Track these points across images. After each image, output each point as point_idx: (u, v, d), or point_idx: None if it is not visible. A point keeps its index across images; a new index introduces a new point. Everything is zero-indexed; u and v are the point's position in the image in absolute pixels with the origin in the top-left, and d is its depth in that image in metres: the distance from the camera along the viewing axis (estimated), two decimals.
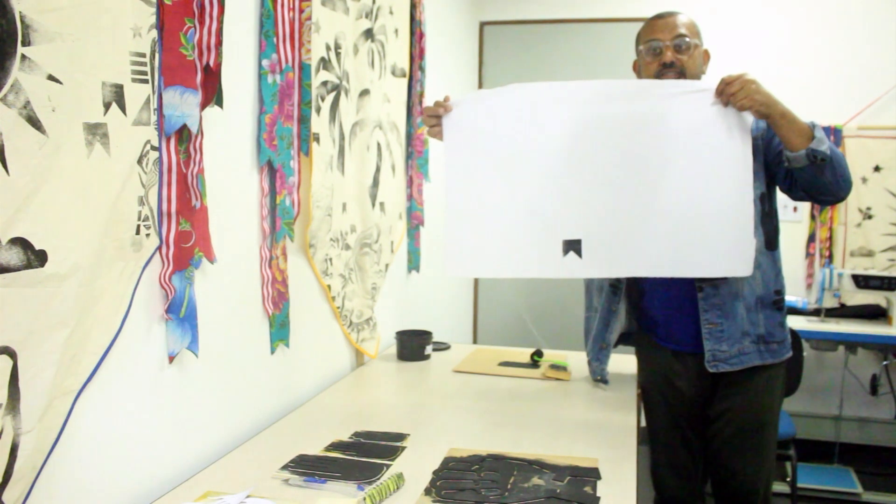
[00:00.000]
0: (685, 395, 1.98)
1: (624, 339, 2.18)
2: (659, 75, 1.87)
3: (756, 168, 1.80)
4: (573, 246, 1.74)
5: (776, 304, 1.91)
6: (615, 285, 2.03)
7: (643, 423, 2.14)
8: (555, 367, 2.24)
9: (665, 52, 1.88)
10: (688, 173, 1.71)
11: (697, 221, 1.71)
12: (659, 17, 1.95)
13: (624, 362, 2.36)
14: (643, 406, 2.10)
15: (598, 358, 2.11)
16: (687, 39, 1.89)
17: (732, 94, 1.70)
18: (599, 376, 2.11)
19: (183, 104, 1.30)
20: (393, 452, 1.55)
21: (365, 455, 1.52)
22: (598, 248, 1.73)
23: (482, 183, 1.75)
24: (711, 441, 1.97)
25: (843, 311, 3.46)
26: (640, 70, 1.96)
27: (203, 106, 1.37)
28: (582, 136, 1.73)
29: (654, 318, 2.02)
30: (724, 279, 1.84)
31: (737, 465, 1.94)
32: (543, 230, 1.74)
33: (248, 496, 1.30)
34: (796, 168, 1.73)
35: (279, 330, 1.79)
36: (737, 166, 1.70)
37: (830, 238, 3.84)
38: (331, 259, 2.06)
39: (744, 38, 3.88)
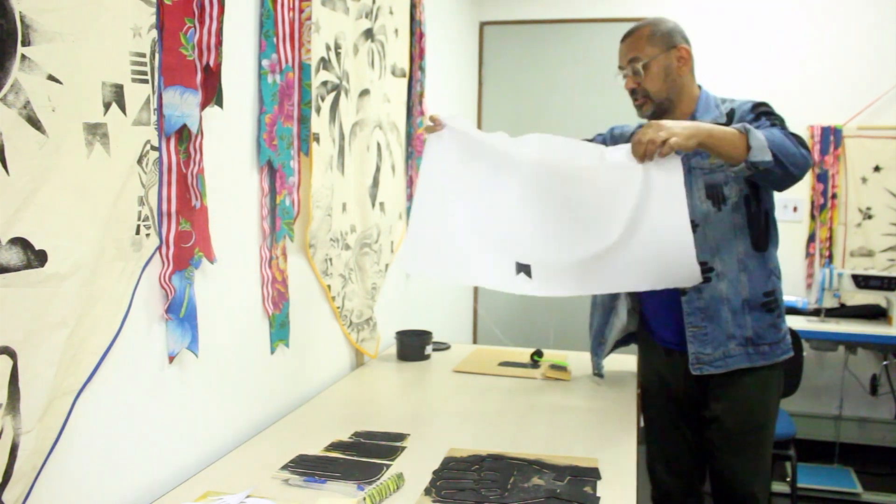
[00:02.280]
0: (676, 392, 2.00)
1: (630, 339, 2.19)
2: (634, 102, 1.94)
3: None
4: (524, 269, 1.83)
5: (766, 305, 1.88)
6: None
7: (643, 423, 2.15)
8: (555, 366, 2.24)
9: (626, 80, 1.93)
10: (627, 210, 1.73)
11: (640, 250, 1.73)
12: (622, 38, 1.96)
13: (624, 362, 2.36)
14: (642, 402, 2.11)
15: (596, 352, 2.16)
16: (637, 64, 1.89)
17: (648, 154, 1.66)
18: (596, 370, 2.17)
19: (183, 104, 1.30)
20: (393, 452, 1.55)
21: (365, 455, 1.52)
22: (548, 272, 1.82)
23: (450, 196, 1.83)
24: (707, 443, 1.97)
25: (843, 311, 3.46)
26: None
27: (203, 106, 1.37)
28: (536, 178, 1.82)
29: (648, 317, 2.05)
30: (708, 281, 1.85)
31: (732, 467, 1.93)
32: (499, 247, 1.83)
33: (248, 496, 1.30)
34: (745, 176, 1.75)
35: (279, 330, 1.79)
36: (670, 197, 1.70)
37: (830, 238, 3.84)
38: (331, 259, 2.06)
39: (744, 39, 3.88)
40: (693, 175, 1.87)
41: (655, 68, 1.89)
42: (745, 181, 1.83)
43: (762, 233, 1.88)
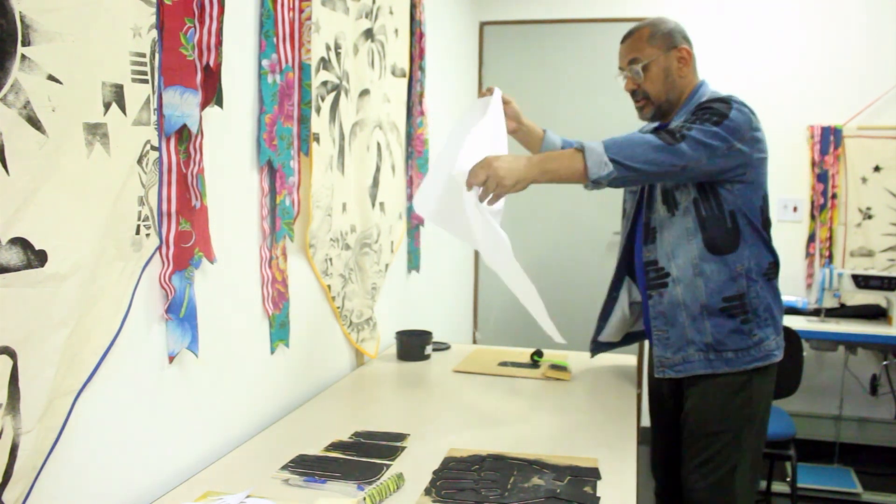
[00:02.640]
0: (666, 392, 2.02)
1: (632, 339, 2.21)
2: (634, 104, 1.95)
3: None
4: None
5: (727, 311, 1.81)
6: (618, 276, 2.09)
7: (643, 423, 2.15)
8: (555, 367, 2.24)
9: (626, 81, 1.93)
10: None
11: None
12: (622, 40, 1.95)
13: (624, 362, 2.36)
14: (649, 399, 2.14)
15: (596, 330, 2.19)
16: (636, 66, 1.89)
17: (484, 200, 1.71)
18: (591, 348, 2.22)
19: (183, 104, 1.30)
20: (393, 452, 1.55)
21: (365, 455, 1.52)
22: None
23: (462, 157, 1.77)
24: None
25: (843, 311, 3.46)
26: None
27: (203, 106, 1.37)
28: None
29: (646, 316, 2.04)
30: (666, 286, 1.85)
31: (688, 471, 1.88)
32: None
33: (248, 496, 1.30)
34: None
35: (279, 330, 1.79)
36: (500, 248, 1.74)
37: (830, 238, 3.84)
38: (331, 259, 2.06)
39: (744, 39, 3.88)
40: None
41: (655, 69, 1.89)
42: (692, 185, 1.81)
43: (723, 235, 1.81)
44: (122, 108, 1.15)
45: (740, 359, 1.83)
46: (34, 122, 0.98)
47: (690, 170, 1.73)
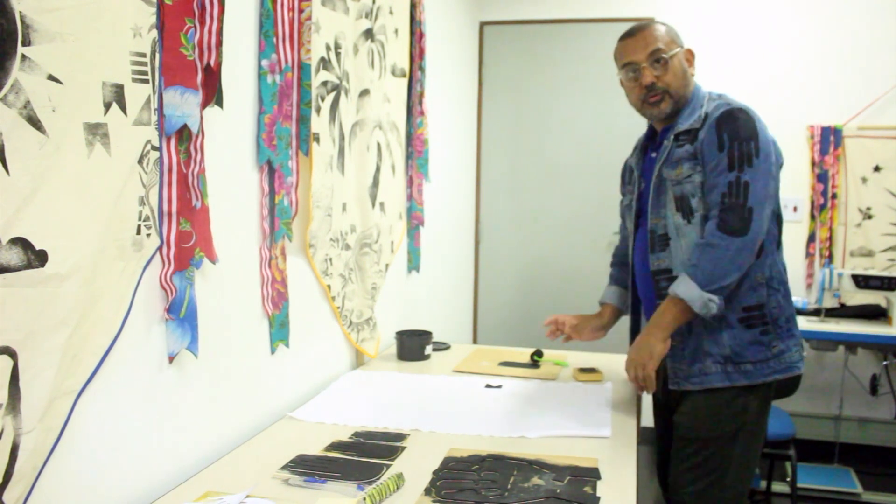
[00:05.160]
0: (659, 399, 2.01)
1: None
2: (645, 99, 1.85)
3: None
4: None
5: (746, 321, 1.76)
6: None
7: (643, 423, 2.15)
8: (584, 370, 2.21)
9: (644, 74, 1.83)
10: None
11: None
12: (630, 34, 1.88)
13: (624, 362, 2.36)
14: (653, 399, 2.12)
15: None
16: (664, 54, 1.82)
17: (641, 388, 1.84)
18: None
19: (183, 104, 1.30)
20: (393, 452, 1.54)
21: (365, 455, 1.52)
22: None
23: None
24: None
25: (843, 311, 3.46)
26: (625, 91, 1.93)
27: (203, 106, 1.37)
28: None
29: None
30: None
31: (671, 476, 1.87)
32: None
33: (248, 496, 1.30)
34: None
35: (279, 330, 1.79)
36: None
37: (830, 238, 3.84)
38: (331, 259, 2.06)
39: (745, 39, 3.88)
40: (664, 186, 1.82)
41: (676, 63, 1.84)
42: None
43: None
44: (123, 107, 1.15)
45: (759, 371, 1.76)
46: (34, 122, 0.98)
47: (751, 254, 1.73)
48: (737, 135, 1.72)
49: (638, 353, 1.79)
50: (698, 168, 1.77)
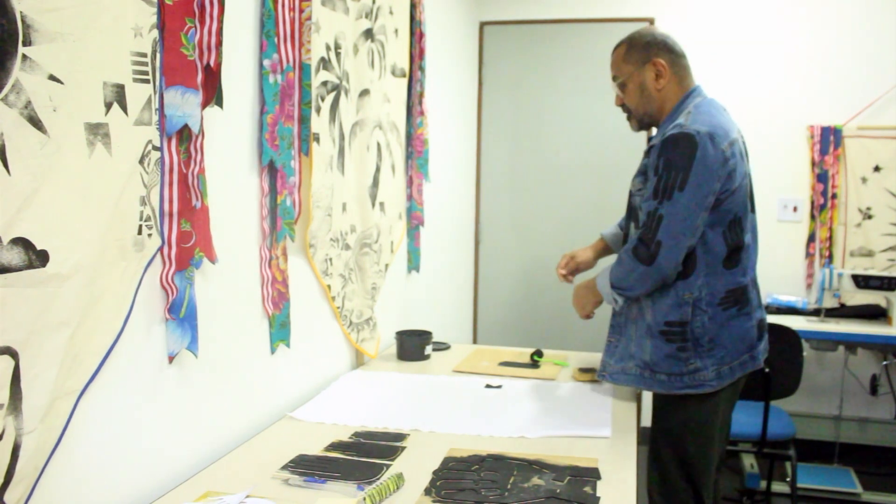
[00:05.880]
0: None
1: None
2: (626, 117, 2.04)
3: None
4: None
5: (665, 334, 1.85)
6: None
7: (643, 423, 2.15)
8: (584, 370, 2.21)
9: (615, 98, 2.02)
10: None
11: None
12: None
13: None
14: None
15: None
16: (617, 80, 1.98)
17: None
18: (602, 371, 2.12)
19: (184, 104, 1.30)
20: (393, 452, 1.55)
21: (365, 455, 1.52)
22: None
23: None
24: None
25: (842, 311, 3.46)
26: None
27: (203, 106, 1.37)
28: None
29: None
30: (625, 298, 1.93)
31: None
32: None
33: (247, 496, 1.30)
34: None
35: (279, 330, 1.79)
36: None
37: (830, 238, 3.84)
38: (331, 259, 2.06)
39: (744, 38, 3.88)
40: (629, 194, 1.98)
41: (631, 86, 1.95)
42: None
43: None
44: (124, 107, 1.15)
45: (672, 383, 1.86)
46: (35, 122, 0.98)
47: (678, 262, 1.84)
48: (670, 163, 1.78)
49: (577, 299, 2.10)
50: (646, 183, 1.87)
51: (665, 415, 1.94)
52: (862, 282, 3.24)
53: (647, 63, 1.92)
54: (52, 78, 1.00)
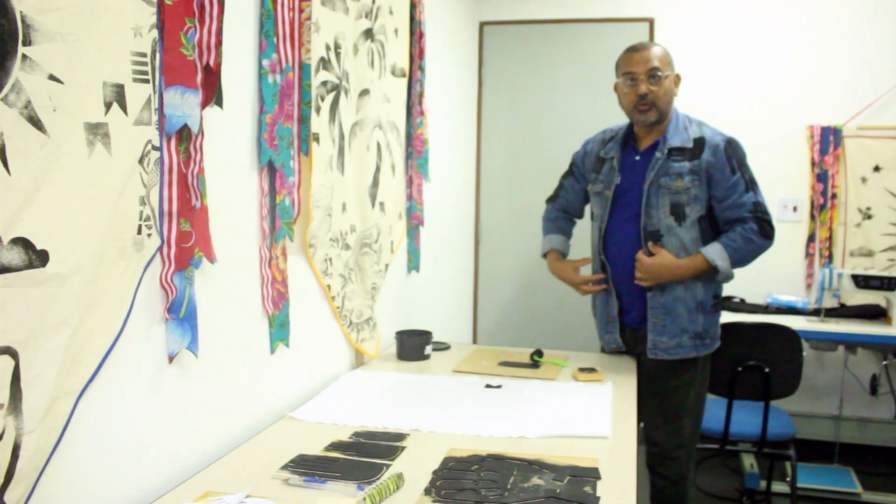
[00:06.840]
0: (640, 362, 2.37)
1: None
2: (636, 105, 2.26)
3: (699, 194, 2.22)
4: None
5: (714, 306, 2.31)
6: (603, 263, 2.43)
7: (643, 424, 2.15)
8: (584, 370, 2.21)
9: (639, 85, 2.24)
10: None
11: None
12: (635, 49, 2.28)
13: (624, 363, 2.36)
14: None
15: (607, 331, 2.44)
16: (659, 73, 2.24)
17: (640, 279, 2.28)
18: (615, 345, 2.43)
19: (184, 104, 1.30)
20: (393, 452, 1.55)
21: (365, 455, 1.52)
22: None
23: None
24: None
25: (842, 311, 3.46)
26: (619, 95, 2.33)
27: (203, 106, 1.37)
28: None
29: (622, 302, 2.43)
30: (667, 285, 2.26)
31: (658, 437, 2.34)
32: None
33: (247, 496, 1.30)
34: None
35: (279, 330, 1.79)
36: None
37: (830, 238, 3.84)
38: (330, 259, 2.06)
39: (744, 38, 3.88)
40: (660, 192, 2.24)
41: (668, 83, 2.26)
42: (703, 205, 2.24)
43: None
44: (124, 107, 1.15)
45: (712, 344, 2.32)
46: (35, 121, 0.98)
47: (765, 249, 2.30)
48: (742, 161, 2.24)
49: (658, 274, 2.25)
50: (696, 183, 2.22)
51: (687, 375, 2.30)
52: (862, 282, 3.24)
53: (674, 72, 2.30)
54: (52, 78, 1.00)
